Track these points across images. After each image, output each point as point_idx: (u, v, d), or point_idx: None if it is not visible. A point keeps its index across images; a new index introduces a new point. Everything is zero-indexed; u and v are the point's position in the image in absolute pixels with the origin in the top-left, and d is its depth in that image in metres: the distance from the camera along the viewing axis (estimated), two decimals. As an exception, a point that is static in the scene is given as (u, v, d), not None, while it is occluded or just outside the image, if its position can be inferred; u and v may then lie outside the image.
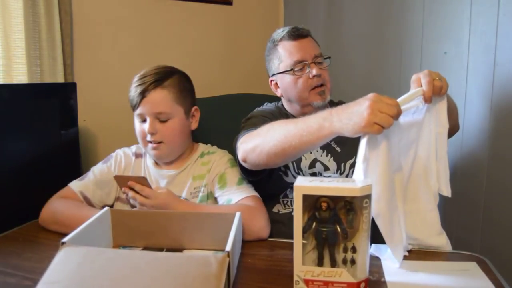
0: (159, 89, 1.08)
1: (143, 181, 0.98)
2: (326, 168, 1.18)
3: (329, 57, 1.22)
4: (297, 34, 1.19)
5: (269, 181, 1.16)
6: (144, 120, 1.10)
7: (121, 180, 1.02)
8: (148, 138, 1.10)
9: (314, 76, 1.16)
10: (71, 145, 1.44)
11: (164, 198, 0.97)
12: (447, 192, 0.91)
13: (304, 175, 1.17)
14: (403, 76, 1.54)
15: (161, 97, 1.08)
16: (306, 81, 1.17)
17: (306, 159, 1.18)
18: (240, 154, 1.01)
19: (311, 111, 1.21)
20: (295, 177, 1.17)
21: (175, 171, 1.15)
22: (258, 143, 0.95)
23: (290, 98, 1.23)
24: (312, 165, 1.18)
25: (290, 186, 1.16)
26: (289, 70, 1.18)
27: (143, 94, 1.07)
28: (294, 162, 1.17)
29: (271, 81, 1.26)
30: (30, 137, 1.27)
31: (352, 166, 1.18)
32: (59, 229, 1.00)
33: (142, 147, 1.17)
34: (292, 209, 1.14)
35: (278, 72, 1.21)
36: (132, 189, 0.99)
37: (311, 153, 1.18)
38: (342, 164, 1.18)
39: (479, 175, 1.27)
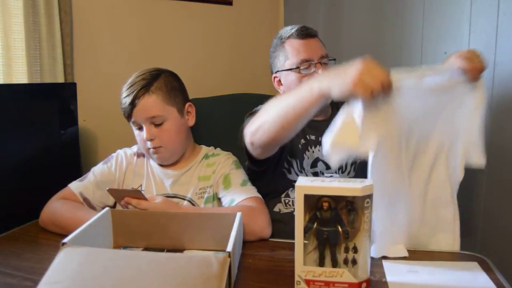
0: (147, 95, 1.08)
1: (137, 194, 0.97)
2: (328, 167, 1.18)
3: (334, 59, 1.22)
4: (305, 33, 1.19)
5: (274, 175, 1.17)
6: (140, 128, 1.11)
7: (115, 193, 1.02)
8: (148, 145, 1.10)
9: None
10: (71, 145, 1.44)
11: (161, 207, 0.97)
12: (478, 160, 0.90)
13: (306, 174, 1.18)
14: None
15: (151, 102, 1.08)
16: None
17: (308, 158, 1.19)
18: (247, 138, 1.01)
19: None
20: (298, 175, 1.18)
21: (179, 171, 1.15)
22: (260, 123, 0.96)
23: None
24: (314, 164, 1.18)
25: (293, 184, 1.16)
26: (295, 68, 1.18)
27: (132, 104, 1.07)
28: (297, 160, 1.18)
29: (275, 77, 1.26)
30: (30, 137, 1.27)
31: (353, 163, 1.19)
32: (58, 231, 1.00)
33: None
34: (294, 208, 1.15)
35: (283, 69, 1.21)
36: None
37: (313, 152, 1.19)
38: (344, 163, 1.19)
39: (479, 174, 1.27)
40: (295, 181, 1.16)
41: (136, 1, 1.77)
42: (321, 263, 0.72)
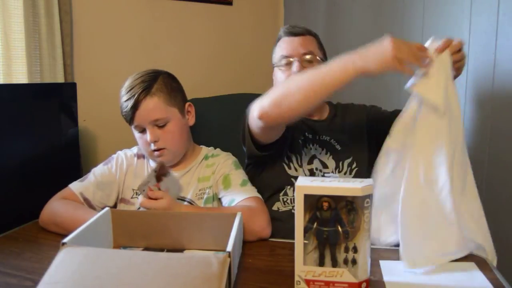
0: (149, 98, 1.07)
1: (163, 169, 0.99)
2: (325, 166, 1.19)
3: (323, 59, 1.24)
4: (290, 32, 1.23)
5: (274, 169, 1.18)
6: (142, 131, 1.10)
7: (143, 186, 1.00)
8: (152, 147, 1.10)
9: (295, 72, 1.17)
10: (71, 145, 1.44)
11: (165, 208, 0.96)
12: None
13: (303, 170, 1.19)
14: (402, 76, 1.54)
15: (153, 105, 1.07)
16: (288, 76, 1.19)
17: (305, 154, 1.20)
18: (257, 111, 0.99)
19: None
20: (297, 170, 1.19)
21: (179, 173, 1.15)
22: (279, 95, 0.97)
23: None
24: (310, 161, 1.19)
25: (291, 179, 1.17)
26: (276, 65, 1.23)
27: (134, 107, 1.06)
28: (297, 155, 1.19)
29: (273, 74, 1.29)
30: (30, 137, 1.27)
31: (350, 165, 1.19)
32: (58, 231, 1.01)
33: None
34: (292, 206, 1.15)
35: (273, 65, 1.26)
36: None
37: (310, 149, 1.20)
38: (341, 163, 1.20)
39: (479, 174, 1.27)
40: (293, 177, 1.17)
41: (136, 1, 1.77)
42: (321, 263, 0.72)
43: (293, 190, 1.16)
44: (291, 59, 1.19)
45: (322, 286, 0.72)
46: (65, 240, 0.72)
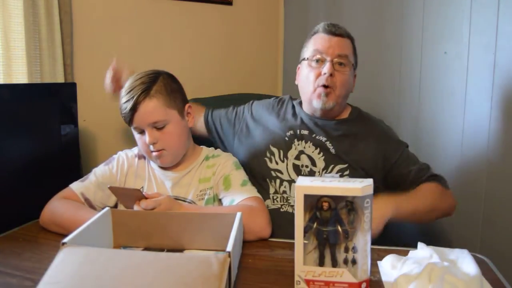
0: (148, 100, 1.07)
1: (138, 193, 0.97)
2: (313, 164, 1.18)
3: (354, 64, 1.22)
4: (329, 30, 1.19)
5: (258, 163, 1.21)
6: (142, 132, 1.10)
7: (116, 191, 1.02)
8: (151, 148, 1.10)
9: (325, 74, 1.15)
10: (71, 145, 1.44)
11: (167, 203, 0.97)
12: None
13: (287, 165, 1.19)
14: (403, 76, 1.54)
15: (152, 107, 1.07)
16: (316, 75, 1.17)
17: (295, 149, 1.20)
18: None
19: (309, 109, 1.22)
20: (278, 164, 1.20)
21: (180, 173, 1.15)
22: None
23: (300, 87, 1.25)
24: (297, 156, 1.20)
25: (271, 171, 1.20)
26: (305, 59, 1.20)
27: (133, 109, 1.06)
28: (280, 151, 1.20)
29: (298, 68, 1.27)
30: (30, 137, 1.27)
31: (341, 171, 1.17)
32: (58, 231, 1.01)
33: None
34: (281, 205, 1.16)
35: (301, 58, 1.23)
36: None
37: (298, 145, 1.20)
38: (331, 166, 1.18)
39: (480, 174, 1.27)
40: (274, 169, 1.19)
41: (136, 1, 1.77)
42: (321, 263, 0.72)
43: (279, 185, 1.18)
44: (324, 56, 1.17)
45: (322, 286, 0.72)
46: (65, 240, 0.72)
